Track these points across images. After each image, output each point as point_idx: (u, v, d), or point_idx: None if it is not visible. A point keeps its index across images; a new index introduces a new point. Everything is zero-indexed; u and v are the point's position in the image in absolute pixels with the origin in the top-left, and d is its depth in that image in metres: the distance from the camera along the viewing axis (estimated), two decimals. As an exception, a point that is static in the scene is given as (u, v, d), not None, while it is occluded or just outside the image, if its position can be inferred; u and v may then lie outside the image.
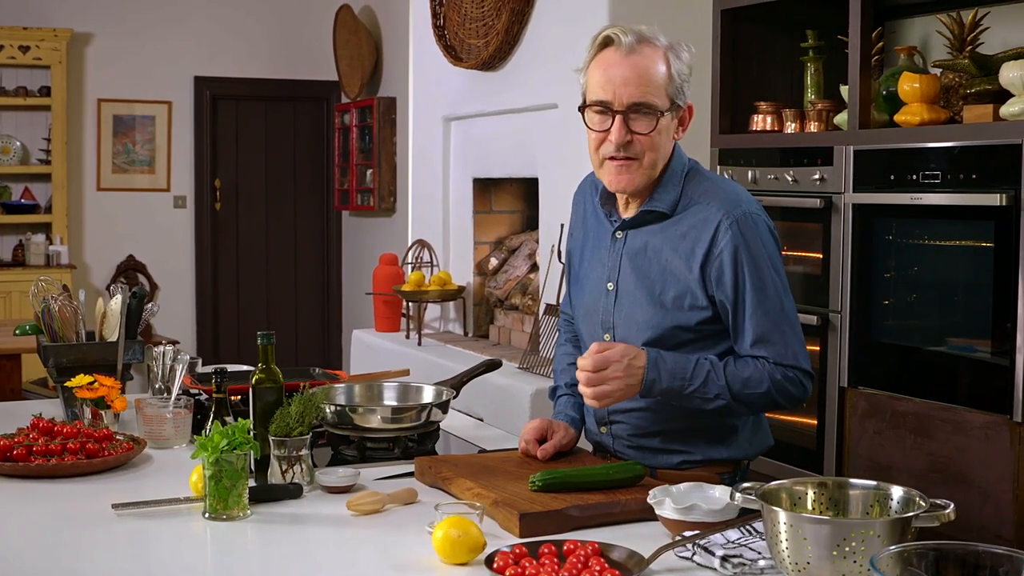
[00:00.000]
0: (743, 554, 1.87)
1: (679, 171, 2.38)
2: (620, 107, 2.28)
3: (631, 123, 2.29)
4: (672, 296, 2.32)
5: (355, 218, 8.52)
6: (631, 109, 2.28)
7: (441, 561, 1.91)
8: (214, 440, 2.15)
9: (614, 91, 2.28)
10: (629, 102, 2.28)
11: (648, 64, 2.29)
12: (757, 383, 2.27)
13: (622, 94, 2.28)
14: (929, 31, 3.83)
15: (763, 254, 2.28)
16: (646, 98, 2.28)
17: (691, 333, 2.32)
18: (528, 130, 5.25)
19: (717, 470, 2.38)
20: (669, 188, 2.36)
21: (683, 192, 2.35)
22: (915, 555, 1.56)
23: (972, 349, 3.09)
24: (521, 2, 5.06)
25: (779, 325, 2.29)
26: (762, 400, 2.29)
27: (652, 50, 2.30)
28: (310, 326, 8.84)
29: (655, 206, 2.35)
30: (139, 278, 8.16)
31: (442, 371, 4.69)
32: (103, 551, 2.07)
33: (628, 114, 2.28)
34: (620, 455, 2.46)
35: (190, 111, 8.34)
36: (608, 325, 2.42)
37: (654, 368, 2.24)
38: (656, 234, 2.36)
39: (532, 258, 5.64)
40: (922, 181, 3.17)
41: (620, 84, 2.28)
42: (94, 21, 8.00)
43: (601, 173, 2.38)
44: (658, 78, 2.29)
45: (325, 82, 8.58)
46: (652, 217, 2.37)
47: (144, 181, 8.26)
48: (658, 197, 2.36)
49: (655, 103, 2.28)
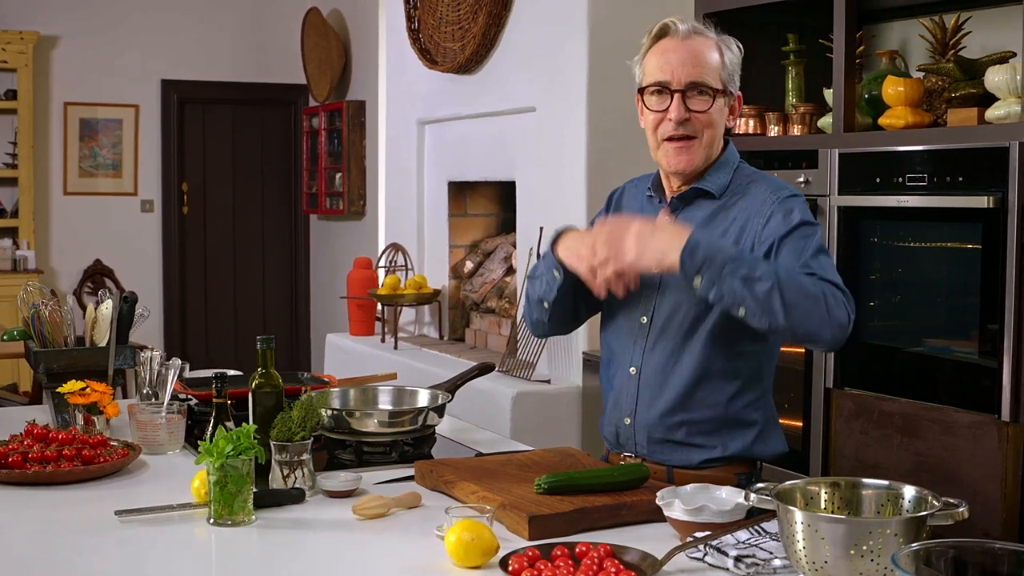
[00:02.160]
0: (755, 554, 1.88)
1: (732, 161, 2.44)
2: (679, 86, 2.35)
3: (688, 102, 2.35)
4: None
5: (323, 222, 8.49)
6: (689, 87, 2.35)
7: (454, 564, 1.91)
8: (219, 445, 2.13)
9: (672, 71, 2.35)
10: (687, 81, 2.35)
11: (703, 49, 2.37)
12: (812, 284, 2.16)
13: (680, 74, 2.35)
14: (907, 35, 3.88)
15: (808, 223, 2.29)
16: (703, 78, 2.35)
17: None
18: (505, 133, 5.26)
19: (736, 470, 2.38)
20: (721, 173, 2.42)
21: (733, 180, 2.41)
22: (934, 553, 1.58)
23: (958, 350, 3.13)
24: (498, 5, 5.06)
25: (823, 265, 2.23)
26: (811, 300, 2.13)
27: (705, 39, 2.39)
28: (278, 330, 8.79)
29: (705, 186, 2.40)
30: (106, 283, 8.09)
31: (421, 374, 4.69)
32: (108, 559, 2.05)
33: (686, 93, 2.35)
34: (639, 454, 2.45)
35: (157, 115, 8.29)
36: (648, 307, 2.41)
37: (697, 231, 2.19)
38: (706, 218, 2.39)
39: (508, 261, 5.64)
40: (908, 184, 3.21)
41: (678, 65, 2.35)
42: (61, 24, 7.92)
43: (659, 156, 2.43)
44: (713, 62, 2.37)
45: (293, 85, 8.55)
46: (702, 195, 2.41)
47: (111, 185, 8.19)
48: (709, 179, 2.41)
49: (711, 83, 2.36)
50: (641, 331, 2.43)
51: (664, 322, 2.39)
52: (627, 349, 2.46)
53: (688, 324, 2.36)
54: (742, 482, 2.35)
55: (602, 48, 4.53)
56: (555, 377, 4.76)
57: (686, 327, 2.36)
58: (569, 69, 4.67)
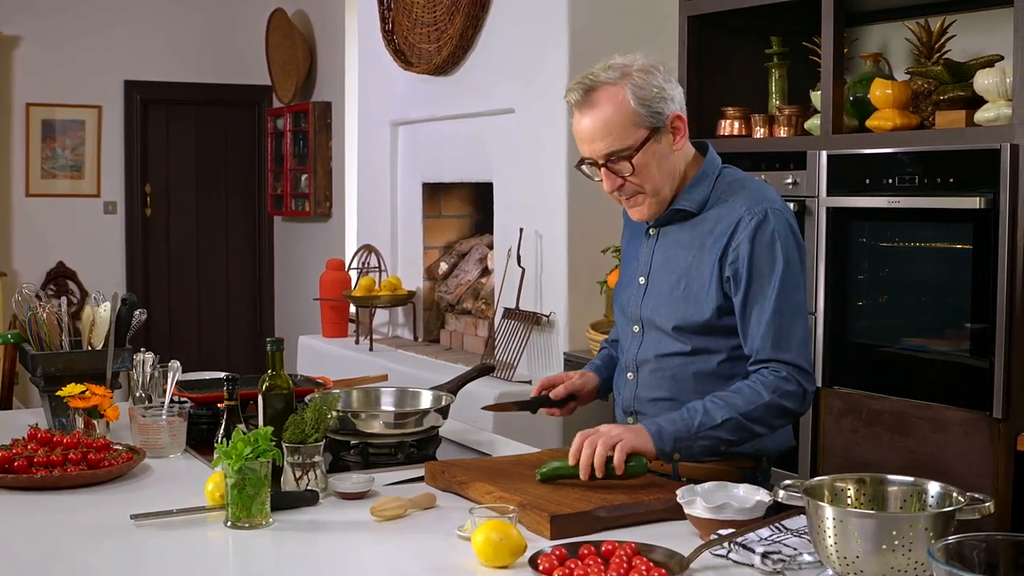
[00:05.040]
0: (781, 550, 1.90)
1: (711, 173, 2.44)
2: (600, 160, 2.36)
3: (613, 169, 2.36)
4: (696, 290, 2.38)
5: (287, 223, 8.45)
6: (608, 159, 2.35)
7: (481, 564, 1.92)
8: (238, 448, 2.12)
9: (587, 147, 2.37)
10: (602, 155, 2.35)
11: (605, 108, 2.33)
12: (757, 396, 2.31)
13: (593, 149, 2.36)
14: (888, 38, 3.93)
15: (777, 251, 2.33)
16: (613, 147, 2.34)
17: (714, 327, 2.38)
18: (481, 135, 5.26)
19: (740, 464, 2.42)
20: (700, 188, 2.43)
21: (713, 191, 2.42)
22: (966, 546, 1.61)
23: (948, 349, 3.17)
24: (476, 7, 5.07)
25: (779, 322, 2.33)
26: (770, 410, 2.32)
27: (606, 93, 2.33)
28: (242, 331, 8.75)
29: (683, 205, 2.42)
30: (69, 285, 8.00)
31: (399, 376, 4.68)
32: (126, 563, 2.04)
33: (608, 164, 2.35)
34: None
35: (120, 116, 8.21)
36: (636, 318, 2.49)
37: (652, 423, 2.29)
38: (686, 231, 2.43)
39: (483, 262, 5.65)
40: (898, 185, 3.25)
41: (588, 141, 2.36)
42: (22, 24, 7.83)
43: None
44: (620, 120, 2.32)
45: (257, 86, 8.50)
46: (680, 215, 2.43)
47: (73, 187, 8.10)
48: (687, 197, 2.42)
49: (626, 145, 2.33)
50: (635, 338, 2.50)
51: (650, 329, 2.46)
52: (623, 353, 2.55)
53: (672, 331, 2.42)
54: (747, 477, 2.39)
55: (583, 49, 4.55)
56: (536, 378, 4.77)
57: (672, 330, 2.42)
58: (549, 70, 4.68)
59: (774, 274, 2.33)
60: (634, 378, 2.49)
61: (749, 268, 2.32)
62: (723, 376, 2.37)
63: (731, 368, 2.38)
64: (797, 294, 2.36)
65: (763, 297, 2.33)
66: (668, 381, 2.42)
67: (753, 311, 2.33)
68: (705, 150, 2.48)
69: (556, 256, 4.72)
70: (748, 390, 2.31)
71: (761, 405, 2.31)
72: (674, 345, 2.40)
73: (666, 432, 2.27)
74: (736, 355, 2.38)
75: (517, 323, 4.83)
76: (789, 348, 2.33)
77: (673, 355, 2.41)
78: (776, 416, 2.34)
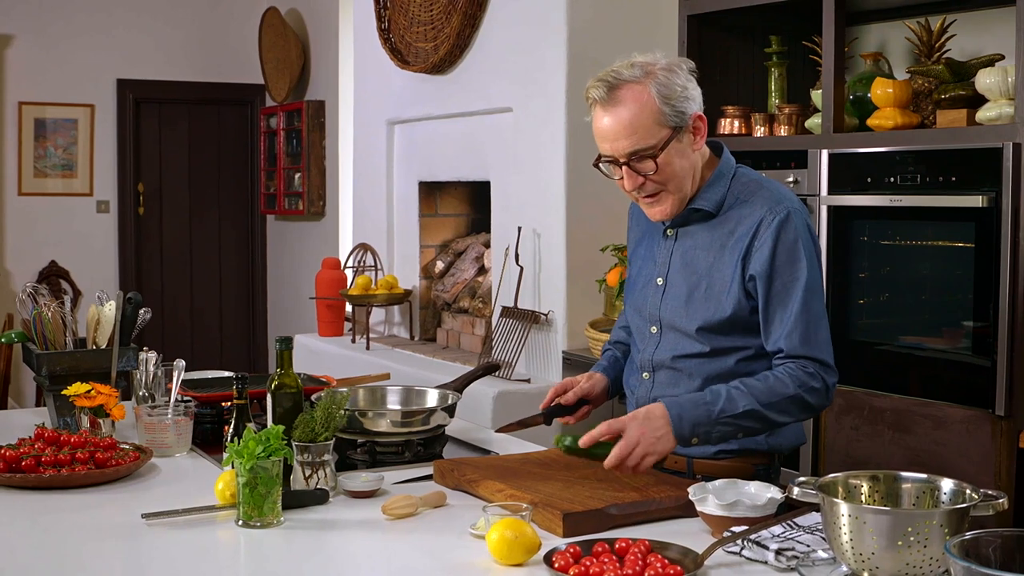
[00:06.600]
0: (795, 547, 1.91)
1: (727, 173, 2.44)
2: (622, 158, 2.35)
3: (636, 167, 2.35)
4: (718, 291, 2.38)
5: (280, 222, 8.44)
6: (631, 158, 2.34)
7: (496, 562, 1.92)
8: (250, 446, 2.13)
9: (610, 145, 2.36)
10: (626, 153, 2.34)
11: (631, 105, 2.32)
12: (783, 386, 2.31)
13: (616, 148, 2.34)
14: (887, 37, 3.95)
15: (799, 250, 2.33)
16: (637, 145, 2.32)
17: (734, 327, 2.38)
18: (478, 133, 5.26)
19: (753, 461, 2.42)
20: (716, 188, 2.42)
21: (729, 191, 2.42)
22: (983, 542, 1.62)
23: (950, 347, 3.19)
24: (473, 6, 5.06)
25: (806, 320, 2.33)
26: (793, 403, 2.32)
27: (631, 91, 2.33)
28: (235, 330, 8.73)
29: (701, 205, 2.42)
30: (62, 284, 7.98)
31: (398, 375, 4.68)
32: (135, 563, 2.05)
33: (630, 163, 2.35)
34: None
35: (113, 114, 8.18)
36: (655, 318, 2.48)
37: (674, 406, 2.28)
38: (705, 231, 2.43)
39: (479, 261, 5.65)
40: (900, 183, 3.27)
41: (612, 138, 2.34)
42: (15, 23, 7.80)
43: (640, 206, 2.47)
44: (645, 119, 2.31)
45: (250, 85, 8.48)
46: (698, 216, 2.43)
47: (66, 186, 8.07)
48: (705, 197, 2.42)
49: (650, 144, 2.32)
50: (652, 339, 2.50)
51: (669, 329, 2.46)
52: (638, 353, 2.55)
53: (694, 330, 2.42)
54: (760, 473, 2.40)
55: (581, 48, 4.55)
56: (535, 376, 4.78)
57: (696, 329, 2.42)
58: (547, 69, 4.68)
59: (799, 272, 2.33)
60: (650, 378, 2.49)
61: (773, 267, 2.33)
62: (740, 375, 2.37)
63: (748, 367, 2.38)
64: (819, 292, 2.37)
65: (788, 296, 2.33)
66: (685, 380, 2.43)
67: (778, 310, 2.34)
68: (719, 150, 2.48)
69: (554, 255, 4.72)
70: (774, 380, 2.31)
71: (785, 398, 2.30)
72: (694, 346, 2.41)
73: (686, 419, 2.26)
74: (753, 354, 2.39)
75: (515, 322, 4.84)
76: (817, 344, 2.33)
77: (692, 356, 2.41)
78: (799, 410, 2.34)
